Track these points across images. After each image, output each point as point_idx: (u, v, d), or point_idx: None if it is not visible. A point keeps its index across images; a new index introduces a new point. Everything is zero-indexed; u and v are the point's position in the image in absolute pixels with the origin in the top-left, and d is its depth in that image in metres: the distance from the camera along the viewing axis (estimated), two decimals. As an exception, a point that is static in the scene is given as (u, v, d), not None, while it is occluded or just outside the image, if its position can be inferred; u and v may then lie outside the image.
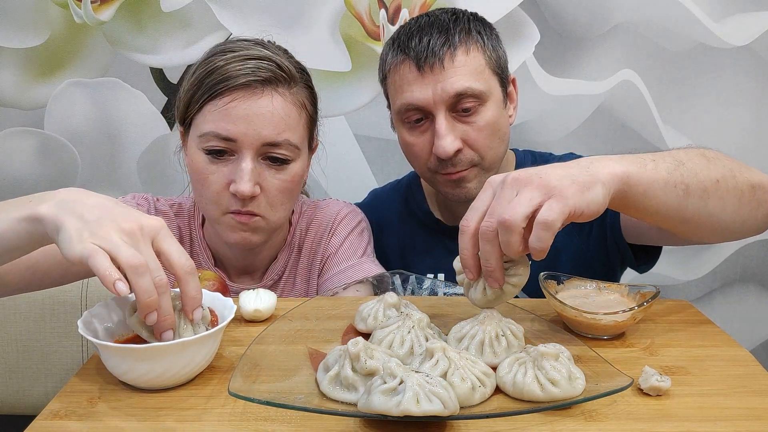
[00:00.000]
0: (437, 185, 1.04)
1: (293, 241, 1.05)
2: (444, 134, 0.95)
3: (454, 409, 0.55)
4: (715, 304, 1.59)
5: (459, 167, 0.98)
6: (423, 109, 0.97)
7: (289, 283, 1.05)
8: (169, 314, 0.62)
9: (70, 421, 0.59)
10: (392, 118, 1.06)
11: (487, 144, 0.99)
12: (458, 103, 0.96)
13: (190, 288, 0.63)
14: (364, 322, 0.76)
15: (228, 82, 0.87)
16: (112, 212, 0.62)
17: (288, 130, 0.90)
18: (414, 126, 1.00)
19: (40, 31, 1.51)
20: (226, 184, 0.89)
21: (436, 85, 0.95)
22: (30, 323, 1.35)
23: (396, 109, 1.01)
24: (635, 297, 0.79)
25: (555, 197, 0.63)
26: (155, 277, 0.60)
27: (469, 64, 0.96)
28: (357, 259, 1.02)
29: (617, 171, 0.68)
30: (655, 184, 0.71)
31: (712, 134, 1.48)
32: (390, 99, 1.04)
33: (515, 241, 0.63)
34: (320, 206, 1.08)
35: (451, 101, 0.95)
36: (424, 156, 1.01)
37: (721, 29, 1.44)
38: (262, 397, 0.58)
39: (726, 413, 0.59)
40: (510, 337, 0.68)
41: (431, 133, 0.98)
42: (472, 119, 0.97)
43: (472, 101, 0.96)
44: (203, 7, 1.47)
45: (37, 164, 1.58)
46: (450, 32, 0.96)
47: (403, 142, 1.04)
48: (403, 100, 0.98)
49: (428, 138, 0.99)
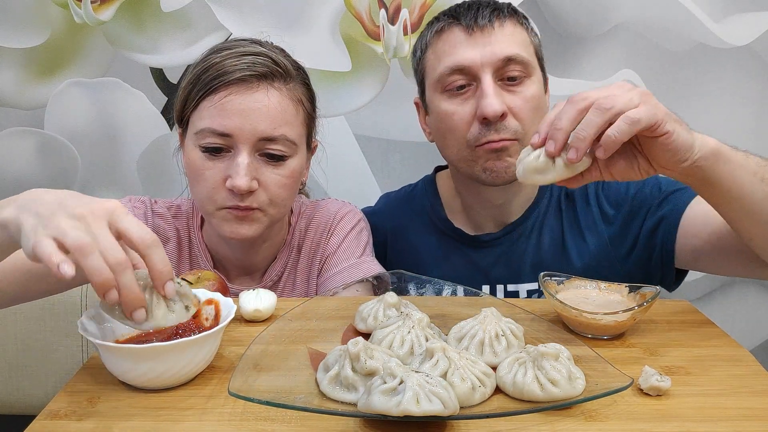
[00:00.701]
0: (475, 163, 0.97)
1: (292, 242, 1.05)
2: (491, 94, 0.92)
3: (454, 409, 0.55)
4: (715, 304, 1.59)
5: (503, 134, 0.94)
6: (469, 72, 0.94)
7: (288, 283, 1.04)
8: (131, 292, 0.58)
9: (70, 421, 0.60)
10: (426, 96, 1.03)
11: (531, 117, 0.96)
12: (505, 68, 0.94)
13: (155, 261, 0.60)
14: (364, 322, 0.76)
15: (224, 77, 0.87)
16: (66, 203, 0.60)
17: (284, 125, 0.90)
18: (455, 93, 0.96)
19: (40, 31, 1.51)
20: (223, 179, 0.89)
21: (485, 47, 0.93)
22: (30, 323, 1.35)
23: (437, 76, 0.97)
24: (635, 297, 0.79)
25: (648, 106, 0.67)
26: (108, 256, 0.57)
27: (516, 35, 0.96)
28: (356, 258, 1.02)
29: (711, 141, 0.72)
30: (743, 170, 0.73)
31: (712, 134, 1.46)
32: (428, 71, 1.01)
33: (596, 119, 0.66)
34: (319, 206, 1.08)
35: (499, 65, 0.94)
36: (464, 126, 0.96)
37: (721, 29, 1.44)
38: (262, 397, 0.58)
39: (726, 413, 0.59)
40: (510, 337, 0.68)
41: (475, 100, 0.95)
42: (518, 89, 0.95)
43: (519, 70, 0.94)
44: (203, 7, 1.47)
45: (37, 164, 1.58)
46: (499, 7, 0.98)
47: (442, 113, 0.98)
48: (448, 62, 0.95)
49: (471, 105, 0.95)
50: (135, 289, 0.59)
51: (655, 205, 1.00)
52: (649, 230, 1.00)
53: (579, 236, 1.05)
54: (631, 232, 1.02)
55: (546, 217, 1.07)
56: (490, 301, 0.88)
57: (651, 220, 1.00)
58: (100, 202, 0.61)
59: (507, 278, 1.07)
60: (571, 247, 1.05)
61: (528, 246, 1.07)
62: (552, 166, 0.69)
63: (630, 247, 1.02)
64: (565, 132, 0.67)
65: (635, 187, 1.03)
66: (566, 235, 1.06)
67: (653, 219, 1.00)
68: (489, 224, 1.09)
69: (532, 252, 1.06)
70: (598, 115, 0.66)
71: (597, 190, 1.06)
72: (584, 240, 1.05)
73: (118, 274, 0.57)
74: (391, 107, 1.50)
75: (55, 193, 0.62)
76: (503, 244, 1.07)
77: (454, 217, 1.12)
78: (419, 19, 1.46)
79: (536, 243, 1.06)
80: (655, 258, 1.00)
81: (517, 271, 1.07)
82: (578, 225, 1.05)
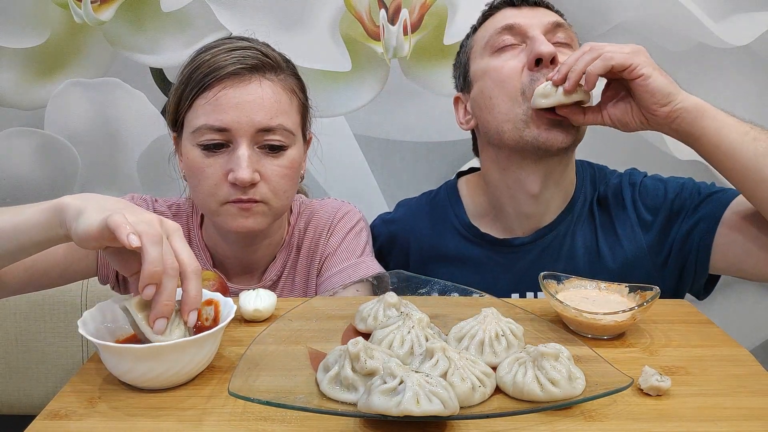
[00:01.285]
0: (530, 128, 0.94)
1: (292, 241, 1.05)
2: (544, 41, 0.95)
3: (454, 409, 0.55)
4: (715, 304, 1.59)
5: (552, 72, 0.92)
6: (518, 31, 0.98)
7: (288, 283, 1.04)
8: (169, 299, 0.62)
9: (70, 421, 0.59)
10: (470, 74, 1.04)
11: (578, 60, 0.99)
12: (554, 32, 0.98)
13: (192, 287, 0.64)
14: (364, 322, 0.76)
15: (216, 73, 0.88)
16: (133, 207, 0.65)
17: (281, 115, 0.90)
18: (504, 49, 0.98)
19: (40, 31, 1.51)
20: (224, 174, 0.89)
21: (535, 15, 0.99)
22: (30, 323, 1.36)
23: (486, 38, 1.01)
24: (635, 297, 0.79)
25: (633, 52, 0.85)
26: (167, 257, 0.61)
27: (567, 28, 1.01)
28: (356, 258, 1.02)
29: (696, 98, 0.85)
30: (730, 128, 0.83)
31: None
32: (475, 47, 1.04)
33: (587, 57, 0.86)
34: (318, 206, 1.08)
35: (548, 27, 0.97)
36: (515, 75, 0.96)
37: (721, 29, 1.44)
38: (262, 397, 0.58)
39: (726, 413, 0.59)
40: (510, 337, 0.68)
41: (525, 55, 0.96)
42: (565, 51, 0.97)
43: (564, 36, 0.99)
44: (203, 7, 1.47)
45: (37, 164, 1.58)
46: None
47: (491, 70, 0.98)
48: (498, 24, 0.99)
49: (521, 58, 0.97)
50: (172, 298, 0.62)
51: (693, 207, 0.97)
52: (685, 233, 0.97)
53: (616, 243, 1.01)
54: (668, 238, 0.99)
55: (578, 223, 1.04)
56: (490, 301, 0.88)
57: (687, 223, 0.97)
58: (158, 217, 0.65)
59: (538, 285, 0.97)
60: (606, 254, 1.01)
61: (561, 252, 1.03)
62: (554, 92, 0.89)
63: (667, 254, 0.99)
64: (567, 66, 0.86)
65: (673, 191, 1.00)
66: (600, 242, 1.02)
67: (690, 221, 0.97)
68: (519, 228, 1.04)
69: (565, 258, 1.02)
70: (589, 54, 0.85)
71: (634, 195, 1.02)
72: (621, 246, 1.01)
73: (167, 277, 0.61)
74: (391, 107, 1.50)
75: (118, 200, 0.67)
76: (535, 249, 1.03)
77: (479, 222, 1.08)
78: (419, 19, 1.46)
79: (570, 249, 1.03)
80: (690, 262, 0.98)
81: None
82: (614, 231, 1.02)
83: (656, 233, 1.00)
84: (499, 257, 1.05)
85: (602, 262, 1.01)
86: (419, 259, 1.10)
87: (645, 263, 1.00)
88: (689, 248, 0.97)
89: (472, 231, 1.08)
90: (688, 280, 1.00)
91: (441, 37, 1.45)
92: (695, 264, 0.97)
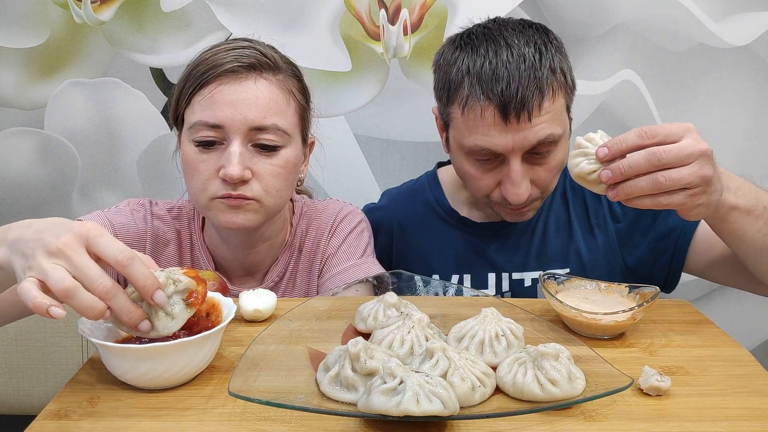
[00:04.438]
0: (493, 208, 1.03)
1: (294, 243, 1.05)
2: (519, 181, 0.93)
3: (454, 409, 0.55)
4: (715, 304, 1.59)
5: (524, 204, 0.97)
6: (498, 153, 0.93)
7: (290, 284, 1.04)
8: (127, 312, 0.60)
9: (70, 421, 0.60)
10: (449, 138, 1.00)
11: (553, 180, 0.99)
12: (536, 148, 0.92)
13: (136, 278, 0.61)
14: (364, 322, 0.76)
15: (213, 70, 0.89)
16: (44, 239, 0.60)
17: (275, 114, 0.90)
18: (481, 162, 0.96)
19: (40, 31, 1.51)
20: (215, 170, 0.89)
21: (518, 133, 0.90)
22: (30, 323, 1.35)
23: (463, 144, 0.95)
24: (635, 297, 0.79)
25: (692, 194, 0.71)
26: (96, 286, 0.58)
27: (553, 110, 0.91)
28: (357, 259, 1.02)
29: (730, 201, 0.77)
30: (749, 227, 0.80)
31: (712, 134, 1.48)
32: (454, 125, 0.97)
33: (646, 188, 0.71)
34: (320, 207, 1.08)
35: (530, 148, 0.92)
36: (486, 190, 0.98)
37: (721, 29, 1.44)
38: (262, 397, 0.58)
39: (725, 413, 0.59)
40: (510, 337, 0.68)
41: (500, 174, 0.95)
42: (544, 161, 0.95)
43: (549, 146, 0.93)
44: (203, 7, 1.47)
45: (37, 164, 1.58)
46: (538, 73, 0.89)
47: (464, 171, 0.99)
48: (478, 141, 0.92)
49: (495, 176, 0.96)
50: (129, 308, 0.61)
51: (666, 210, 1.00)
52: (660, 235, 1.03)
53: (589, 232, 1.08)
54: (638, 230, 1.06)
55: (552, 206, 1.10)
56: (490, 301, 0.88)
57: (662, 225, 1.03)
58: (72, 230, 0.61)
59: (513, 266, 1.09)
60: (579, 240, 1.08)
61: (534, 235, 1.09)
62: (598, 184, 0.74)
63: (635, 245, 1.06)
64: (625, 177, 0.71)
65: None
66: (574, 227, 1.08)
67: (665, 225, 1.03)
68: (495, 213, 1.08)
69: (537, 241, 1.09)
70: (649, 186, 0.70)
71: None
72: (593, 236, 1.08)
73: (109, 301, 0.59)
74: (391, 107, 1.50)
75: (36, 228, 0.62)
76: (510, 232, 1.09)
77: (458, 207, 1.13)
78: (419, 19, 1.46)
79: (542, 232, 1.09)
80: (664, 262, 1.03)
81: (522, 260, 1.08)
82: (588, 221, 1.09)
83: (627, 223, 1.06)
84: (476, 240, 1.11)
85: (574, 246, 1.07)
86: (402, 243, 1.15)
87: (614, 250, 1.07)
88: (663, 250, 1.03)
89: (452, 215, 1.13)
90: (659, 275, 1.05)
91: (441, 37, 1.45)
92: (669, 266, 1.04)
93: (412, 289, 0.96)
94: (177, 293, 0.64)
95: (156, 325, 0.63)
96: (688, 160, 0.70)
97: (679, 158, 0.70)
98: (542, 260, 1.07)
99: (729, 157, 1.45)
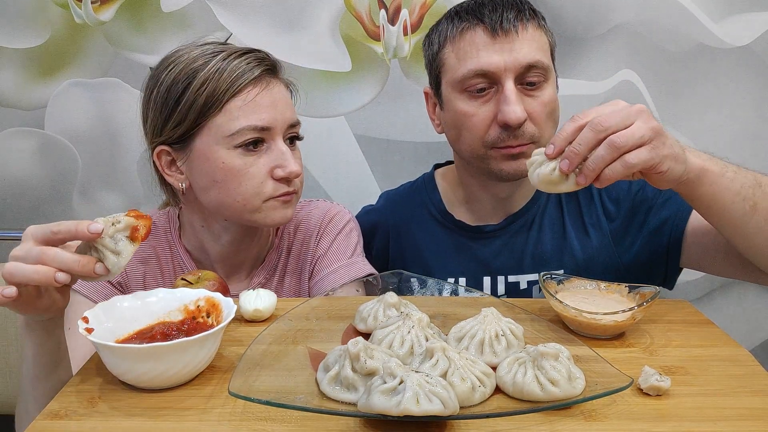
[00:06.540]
0: (489, 162, 1.00)
1: (281, 244, 1.05)
2: (514, 101, 0.94)
3: (454, 409, 0.55)
4: (715, 304, 1.59)
5: (520, 140, 0.96)
6: (491, 76, 0.95)
7: (278, 285, 1.04)
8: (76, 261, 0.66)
9: (70, 421, 0.60)
10: (442, 93, 1.03)
11: (547, 121, 0.98)
12: (526, 74, 0.95)
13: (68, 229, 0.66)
14: (364, 322, 0.76)
15: (245, 76, 0.90)
16: None
17: (294, 110, 0.98)
18: (475, 95, 0.97)
19: (40, 31, 1.51)
20: (268, 171, 0.92)
21: (509, 53, 0.94)
22: (30, 323, 1.35)
23: (458, 77, 0.98)
24: (635, 297, 0.79)
25: (653, 147, 0.71)
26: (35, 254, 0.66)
27: (537, 40, 0.97)
28: (347, 259, 1.02)
29: (698, 164, 0.78)
30: (725, 191, 0.79)
31: (712, 134, 1.49)
32: (446, 68, 1.01)
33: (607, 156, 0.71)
34: (308, 208, 1.08)
35: (521, 71, 0.95)
36: (482, 128, 0.98)
37: (721, 29, 1.44)
38: (262, 397, 0.58)
39: (726, 413, 0.59)
40: (510, 337, 0.68)
41: (494, 104, 0.96)
42: (536, 93, 0.97)
43: (538, 75, 0.96)
44: (203, 7, 1.47)
45: (37, 164, 1.58)
46: (520, 7, 0.97)
47: (460, 113, 0.99)
48: (471, 65, 0.96)
49: (490, 108, 0.97)
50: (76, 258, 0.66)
51: (658, 204, 1.03)
52: (653, 229, 1.03)
53: (583, 232, 1.08)
54: (632, 228, 1.06)
55: (547, 209, 1.10)
56: (490, 301, 0.88)
57: (655, 220, 1.03)
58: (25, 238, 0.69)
59: (508, 269, 1.09)
60: (573, 240, 1.08)
61: (529, 237, 1.09)
62: (565, 180, 0.74)
63: (631, 243, 1.06)
64: (581, 157, 0.72)
65: (637, 185, 1.06)
66: (568, 228, 1.08)
67: (657, 219, 1.03)
68: (491, 216, 1.10)
69: (533, 243, 1.09)
70: (608, 152, 0.71)
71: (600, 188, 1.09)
72: (588, 235, 1.08)
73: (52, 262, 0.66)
74: (391, 107, 1.50)
75: None
76: (505, 235, 1.10)
77: (454, 210, 1.13)
78: (419, 20, 1.46)
79: (537, 234, 1.09)
80: (660, 257, 1.03)
81: (518, 262, 1.08)
82: (582, 221, 1.09)
83: (620, 222, 1.07)
84: (472, 243, 1.11)
85: (569, 248, 1.07)
86: (398, 245, 1.16)
87: (609, 249, 1.06)
88: (659, 243, 1.03)
89: (447, 218, 1.13)
90: (657, 271, 1.05)
91: (441, 37, 1.45)
92: (666, 260, 1.03)
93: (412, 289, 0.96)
94: (119, 232, 0.67)
95: (107, 266, 0.66)
96: (629, 119, 0.71)
97: (620, 119, 0.71)
98: (537, 262, 1.07)
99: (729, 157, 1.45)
